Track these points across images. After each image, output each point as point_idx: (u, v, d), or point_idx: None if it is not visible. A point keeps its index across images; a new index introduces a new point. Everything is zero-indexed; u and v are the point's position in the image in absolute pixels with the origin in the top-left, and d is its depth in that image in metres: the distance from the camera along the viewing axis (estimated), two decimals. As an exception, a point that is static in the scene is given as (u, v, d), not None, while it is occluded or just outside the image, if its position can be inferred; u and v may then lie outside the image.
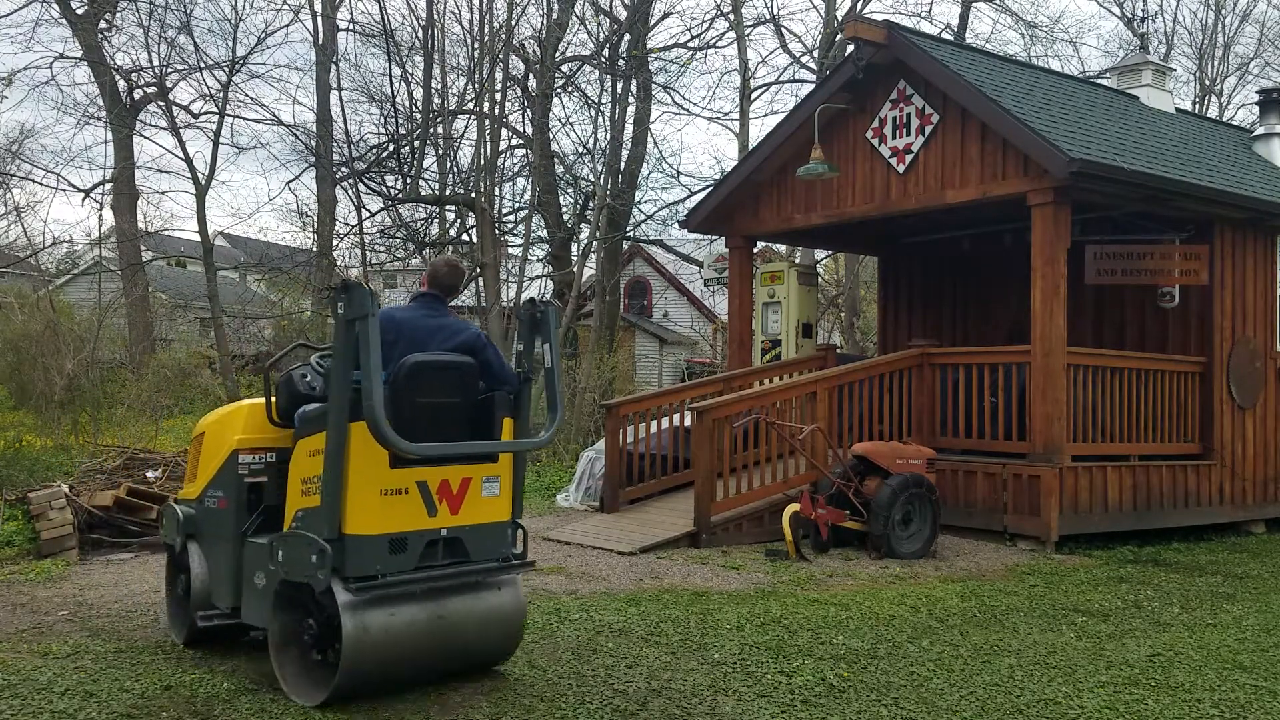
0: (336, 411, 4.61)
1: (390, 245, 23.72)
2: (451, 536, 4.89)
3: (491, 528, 5.04)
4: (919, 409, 10.86)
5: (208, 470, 5.56)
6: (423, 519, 4.80)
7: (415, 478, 4.76)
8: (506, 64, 19.25)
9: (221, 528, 5.41)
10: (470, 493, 4.95)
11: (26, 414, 15.20)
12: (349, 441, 4.59)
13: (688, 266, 29.14)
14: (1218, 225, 11.25)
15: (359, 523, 4.63)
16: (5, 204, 24.87)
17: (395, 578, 4.68)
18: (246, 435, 5.41)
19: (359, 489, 4.62)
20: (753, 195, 12.72)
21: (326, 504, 4.61)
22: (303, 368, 5.43)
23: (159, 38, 26.04)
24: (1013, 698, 5.15)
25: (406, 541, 4.74)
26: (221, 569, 5.39)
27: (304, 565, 4.63)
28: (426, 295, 5.28)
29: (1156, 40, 29.56)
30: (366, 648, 4.58)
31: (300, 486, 4.92)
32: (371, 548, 4.64)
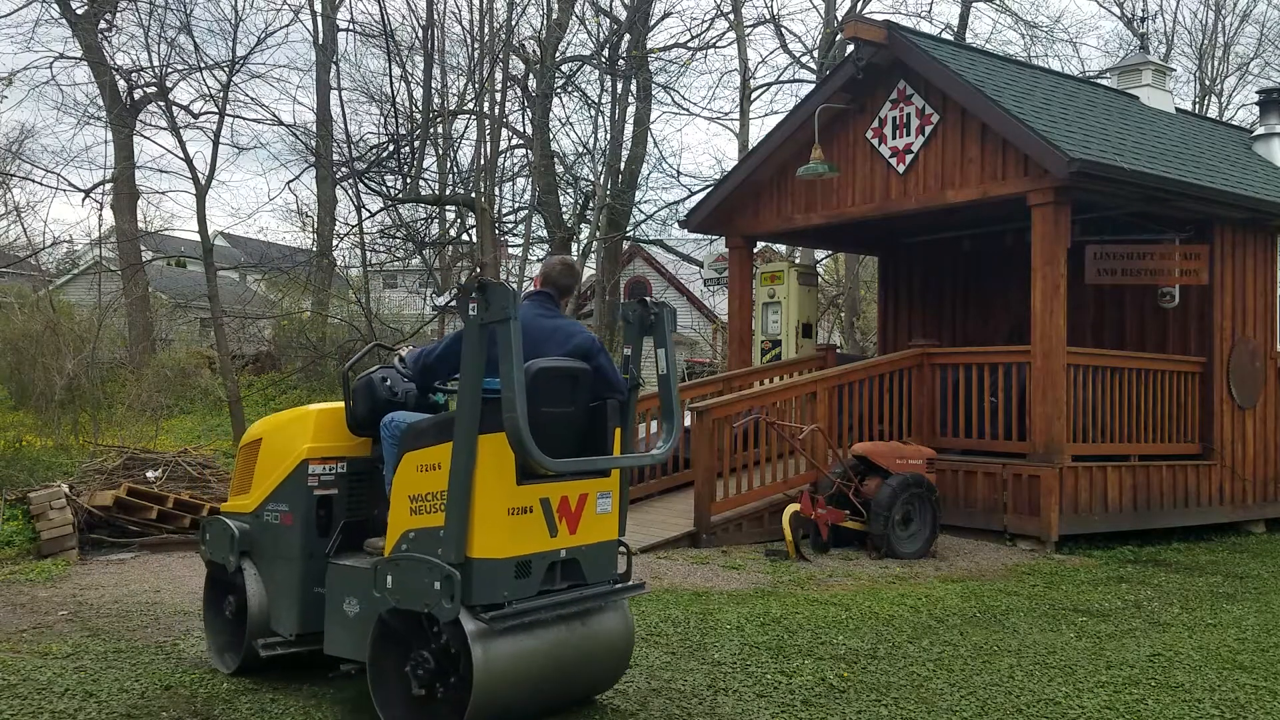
0: (466, 424, 4.16)
1: (390, 245, 23.72)
2: (569, 558, 4.49)
3: (604, 547, 4.65)
4: (919, 409, 10.86)
5: (267, 481, 5.08)
6: (545, 539, 4.38)
7: (539, 495, 4.36)
8: (506, 64, 19.25)
9: (285, 546, 4.95)
10: (586, 510, 4.55)
11: (26, 414, 15.20)
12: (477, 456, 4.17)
13: (688, 266, 29.13)
14: (1218, 225, 11.25)
15: (486, 545, 4.20)
16: (5, 204, 24.85)
17: (524, 604, 4.28)
18: (318, 444, 4.97)
19: (486, 508, 4.20)
20: (753, 195, 12.72)
21: (452, 525, 4.16)
22: (382, 371, 5.05)
23: (159, 38, 26.06)
24: (1013, 698, 5.15)
25: (530, 565, 4.33)
26: (285, 592, 4.94)
27: (423, 593, 4.18)
28: (540, 294, 4.85)
29: (1156, 40, 29.57)
30: (496, 681, 4.19)
31: (408, 505, 4.40)
32: (499, 572, 4.22)
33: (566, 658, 4.52)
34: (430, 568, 4.18)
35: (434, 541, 4.24)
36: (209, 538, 5.28)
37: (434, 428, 4.42)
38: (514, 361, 4.05)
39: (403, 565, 4.30)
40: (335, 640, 4.72)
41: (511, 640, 4.26)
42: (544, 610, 4.35)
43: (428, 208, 21.30)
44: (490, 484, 4.21)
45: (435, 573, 4.15)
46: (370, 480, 5.04)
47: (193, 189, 18.32)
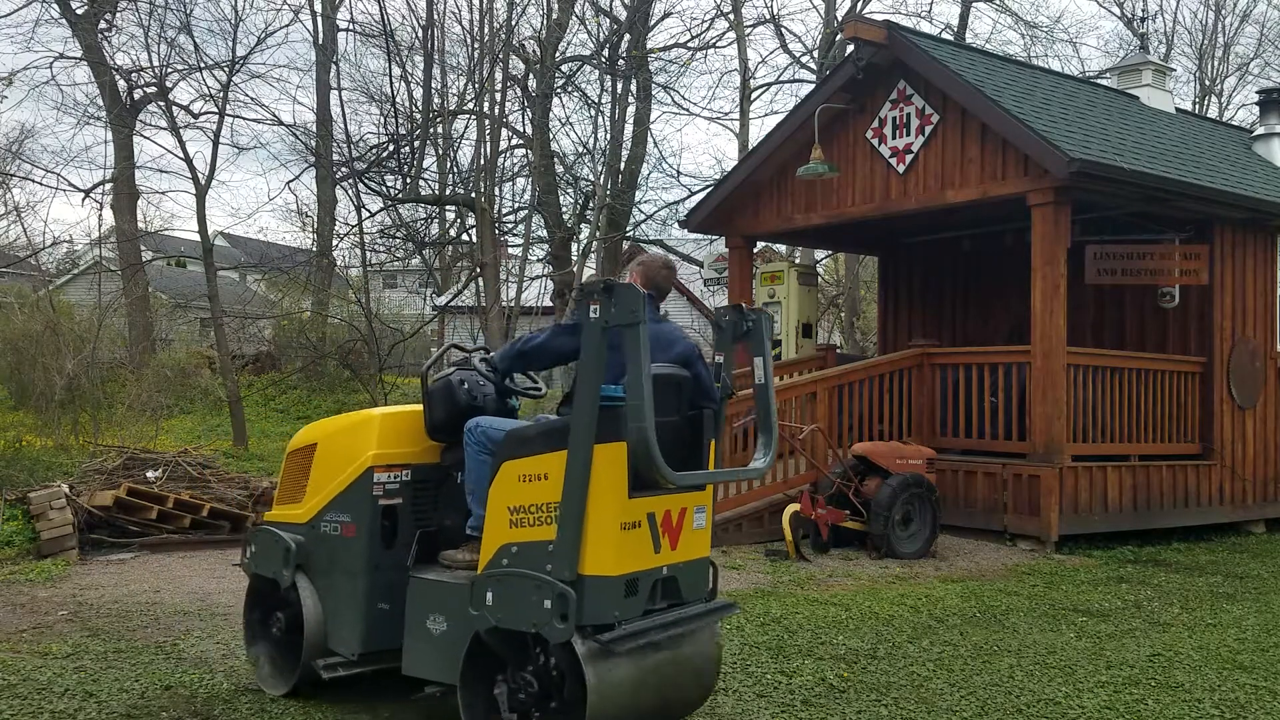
0: (583, 432, 3.90)
1: (390, 245, 23.72)
2: (669, 575, 4.24)
3: (700, 564, 4.41)
4: (919, 409, 10.86)
5: (328, 489, 4.78)
6: (650, 556, 4.13)
7: (646, 509, 4.09)
8: (506, 64, 19.24)
9: (347, 559, 4.66)
10: (684, 525, 4.30)
11: (26, 414, 15.20)
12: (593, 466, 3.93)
13: (688, 266, 29.13)
14: (1218, 225, 11.25)
15: (599, 562, 3.94)
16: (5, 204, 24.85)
17: (634, 625, 4.04)
18: (383, 450, 4.67)
19: (600, 522, 3.94)
20: (753, 195, 12.72)
21: (566, 539, 3.91)
22: (460, 373, 4.80)
23: (159, 38, 26.06)
24: (1013, 698, 5.15)
25: (638, 583, 4.07)
26: (348, 608, 4.65)
27: (531, 612, 3.92)
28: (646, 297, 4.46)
29: (1156, 40, 29.58)
30: (609, 705, 3.94)
31: (508, 516, 4.13)
32: (610, 591, 3.95)
33: (668, 679, 4.32)
34: (539, 585, 3.92)
35: (541, 556, 3.97)
36: (255, 550, 4.99)
37: (540, 436, 4.15)
38: (643, 368, 3.82)
39: (506, 582, 4.04)
40: (417, 660, 4.41)
41: (621, 662, 4.01)
42: (655, 631, 4.10)
43: (428, 208, 21.30)
44: (605, 497, 3.95)
45: (545, 590, 3.90)
46: (436, 488, 4.78)
47: (193, 189, 18.32)
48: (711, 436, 4.50)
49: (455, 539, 4.60)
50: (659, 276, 4.71)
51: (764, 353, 4.52)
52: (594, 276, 20.82)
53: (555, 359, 4.38)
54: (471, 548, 4.39)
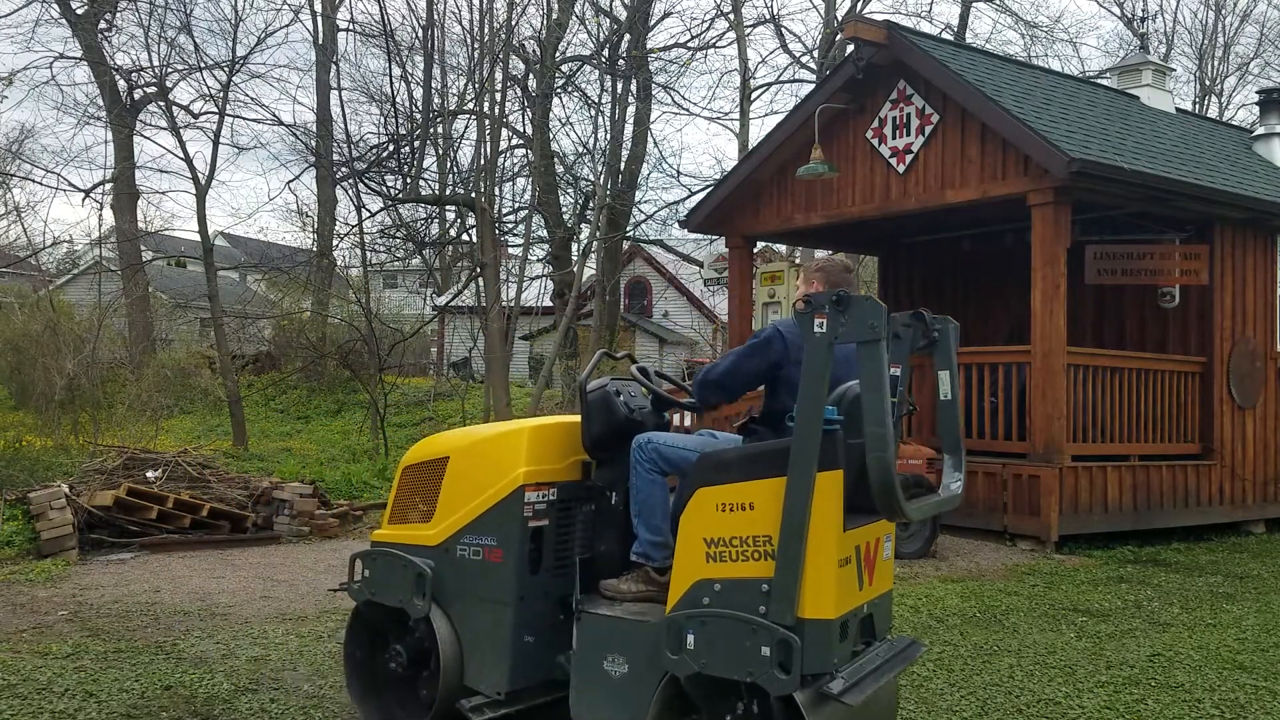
0: (804, 460, 3.50)
1: (390, 245, 23.74)
2: (868, 613, 3.90)
3: (887, 597, 4.08)
4: (919, 409, 10.85)
5: (464, 508, 4.32)
6: (855, 593, 3.77)
7: (854, 542, 3.74)
8: (506, 64, 19.25)
9: (492, 587, 4.20)
10: (878, 556, 3.97)
11: (26, 414, 15.21)
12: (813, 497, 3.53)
13: (688, 266, 29.13)
14: (1218, 225, 11.25)
15: (818, 604, 3.53)
16: (5, 204, 24.87)
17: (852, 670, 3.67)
18: (534, 466, 4.22)
19: (819, 560, 3.53)
20: (753, 195, 12.72)
21: (786, 579, 3.50)
22: (615, 384, 4.45)
23: (159, 38, 26.13)
24: (1013, 698, 5.15)
25: (848, 625, 3.70)
26: (491, 641, 4.20)
27: (746, 659, 3.52)
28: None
29: (1156, 40, 29.59)
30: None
31: (704, 549, 3.71)
32: (829, 635, 3.54)
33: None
34: (756, 630, 3.53)
35: (750, 596, 3.58)
36: (372, 575, 4.46)
37: (743, 461, 3.76)
38: (884, 391, 3.41)
39: (712, 624, 3.63)
40: (590, 706, 3.98)
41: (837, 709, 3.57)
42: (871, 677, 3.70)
43: (428, 208, 21.32)
44: (824, 531, 3.56)
45: (764, 636, 3.51)
46: (580, 508, 4.37)
47: (193, 189, 18.35)
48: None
49: (614, 566, 4.21)
50: (842, 281, 4.26)
51: (951, 366, 4.10)
52: (594, 276, 20.83)
53: (747, 384, 4.12)
54: (637, 576, 4.07)
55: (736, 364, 4.13)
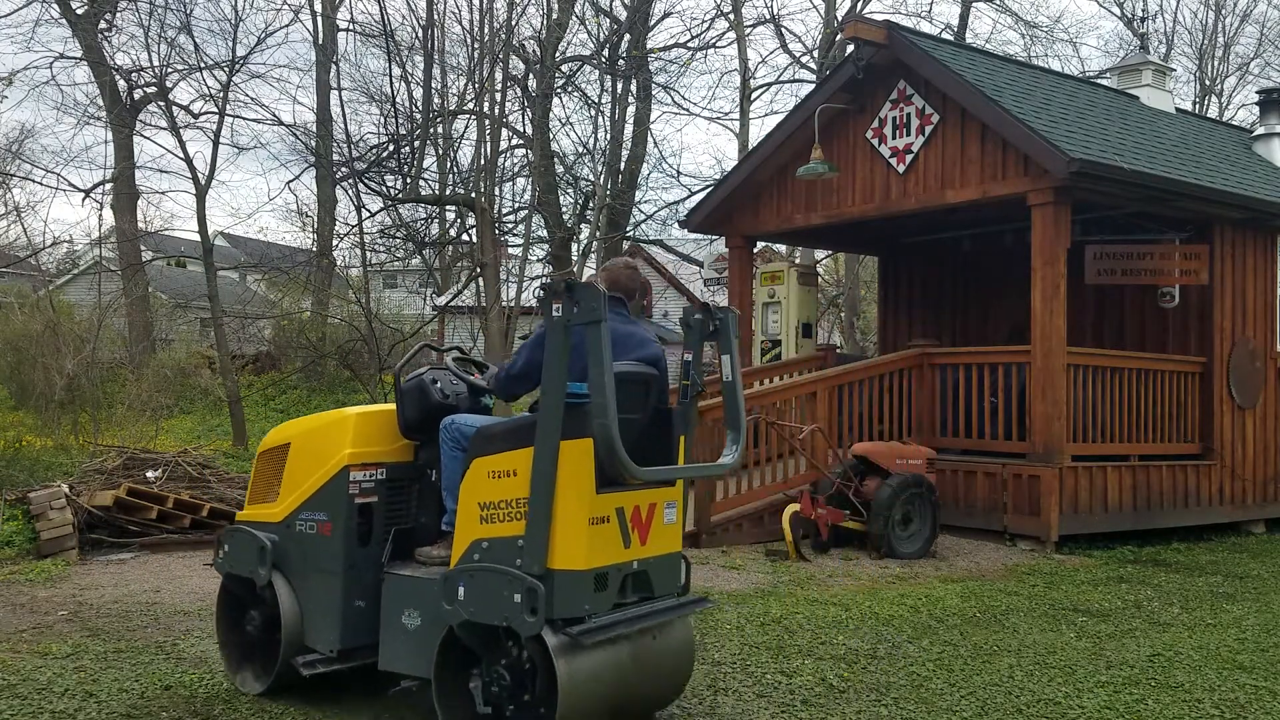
0: (549, 429, 4.00)
1: (390, 245, 23.73)
2: (640, 570, 4.34)
3: (671, 559, 4.52)
4: (919, 409, 10.86)
5: (303, 488, 4.81)
6: (620, 550, 4.21)
7: (615, 504, 4.18)
8: (506, 64, 19.24)
9: (324, 557, 4.68)
10: (655, 520, 4.40)
11: (26, 414, 15.21)
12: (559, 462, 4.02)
13: (688, 266, 29.13)
14: (1218, 225, 11.25)
15: (568, 556, 4.02)
16: (5, 204, 24.87)
17: (605, 618, 4.12)
18: (359, 449, 4.70)
19: (568, 517, 4.03)
20: (753, 195, 12.72)
21: (534, 534, 4.00)
22: (432, 372, 4.88)
23: (159, 38, 26.07)
24: (1013, 698, 5.15)
25: (608, 577, 4.16)
26: (325, 606, 4.68)
27: (502, 606, 4.01)
28: (612, 299, 4.64)
29: (1156, 40, 29.58)
30: (579, 698, 4.00)
31: (478, 512, 4.22)
32: (579, 585, 4.03)
33: (638, 672, 4.37)
34: (510, 579, 4.00)
35: (511, 551, 4.06)
36: (229, 550, 4.99)
37: (508, 433, 4.24)
38: (605, 366, 3.90)
39: (477, 577, 4.11)
40: (393, 655, 4.49)
41: (592, 655, 4.08)
42: (624, 624, 4.18)
43: (428, 208, 21.30)
44: (572, 492, 4.04)
45: (516, 585, 3.98)
46: (410, 486, 4.83)
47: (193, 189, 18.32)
48: (681, 433, 4.59)
49: (431, 536, 4.67)
50: (623, 278, 4.86)
51: (731, 351, 4.62)
52: (593, 276, 20.82)
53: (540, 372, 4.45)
54: (446, 543, 4.45)
55: (529, 357, 4.49)
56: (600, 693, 4.12)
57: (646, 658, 4.39)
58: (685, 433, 4.62)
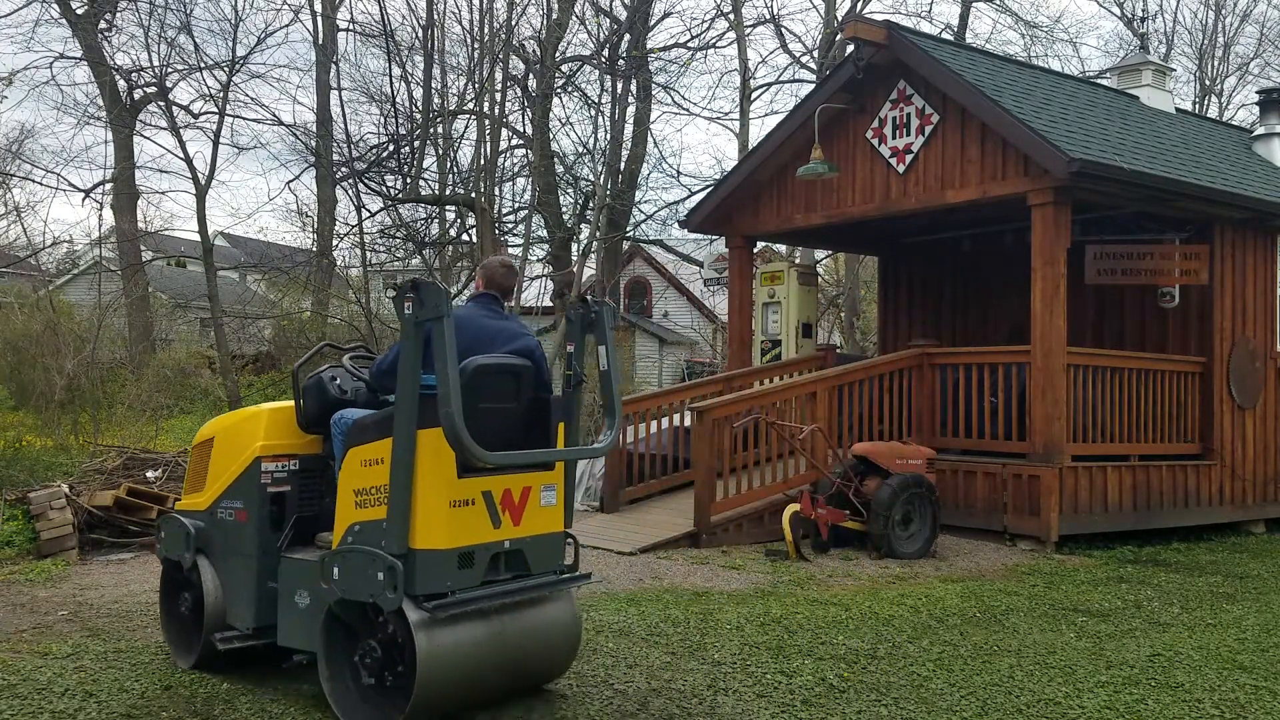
0: (404, 418, 4.30)
1: (390, 245, 23.72)
2: (513, 549, 4.63)
3: (549, 539, 4.80)
4: (919, 409, 10.86)
5: (222, 479, 5.20)
6: (488, 531, 4.52)
7: (481, 487, 4.50)
8: (506, 64, 19.25)
9: (240, 542, 5.06)
10: (530, 502, 4.70)
11: (26, 414, 15.20)
12: (417, 450, 4.31)
13: (688, 266, 29.13)
14: (1218, 225, 11.25)
15: (428, 537, 4.32)
16: (5, 204, 24.87)
17: (467, 594, 4.41)
18: (270, 441, 5.07)
19: (428, 500, 4.33)
20: (753, 195, 12.72)
21: (394, 517, 4.30)
22: (332, 370, 5.18)
23: (159, 38, 26.10)
24: (1013, 698, 5.15)
25: (473, 556, 4.46)
26: (242, 587, 5.04)
27: (368, 584, 4.31)
28: (485, 295, 5.07)
29: (1156, 40, 29.58)
30: (441, 668, 4.32)
31: (353, 498, 4.55)
32: (441, 563, 4.35)
33: (512, 646, 4.65)
34: (374, 559, 4.30)
35: (378, 534, 4.36)
36: (164, 536, 5.39)
37: (376, 424, 4.54)
38: (448, 358, 4.19)
39: (348, 557, 4.43)
40: (288, 632, 4.84)
41: (455, 629, 4.39)
42: (486, 600, 4.47)
43: (428, 208, 21.30)
44: (431, 477, 4.34)
45: (378, 564, 4.28)
46: (322, 477, 5.15)
47: (193, 189, 18.36)
48: (561, 420, 4.88)
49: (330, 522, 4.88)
50: (498, 275, 5.16)
51: (607, 342, 4.92)
52: (594, 276, 20.81)
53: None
54: None
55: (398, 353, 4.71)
56: (465, 663, 4.43)
57: (519, 632, 4.67)
58: (565, 420, 4.91)
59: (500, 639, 4.60)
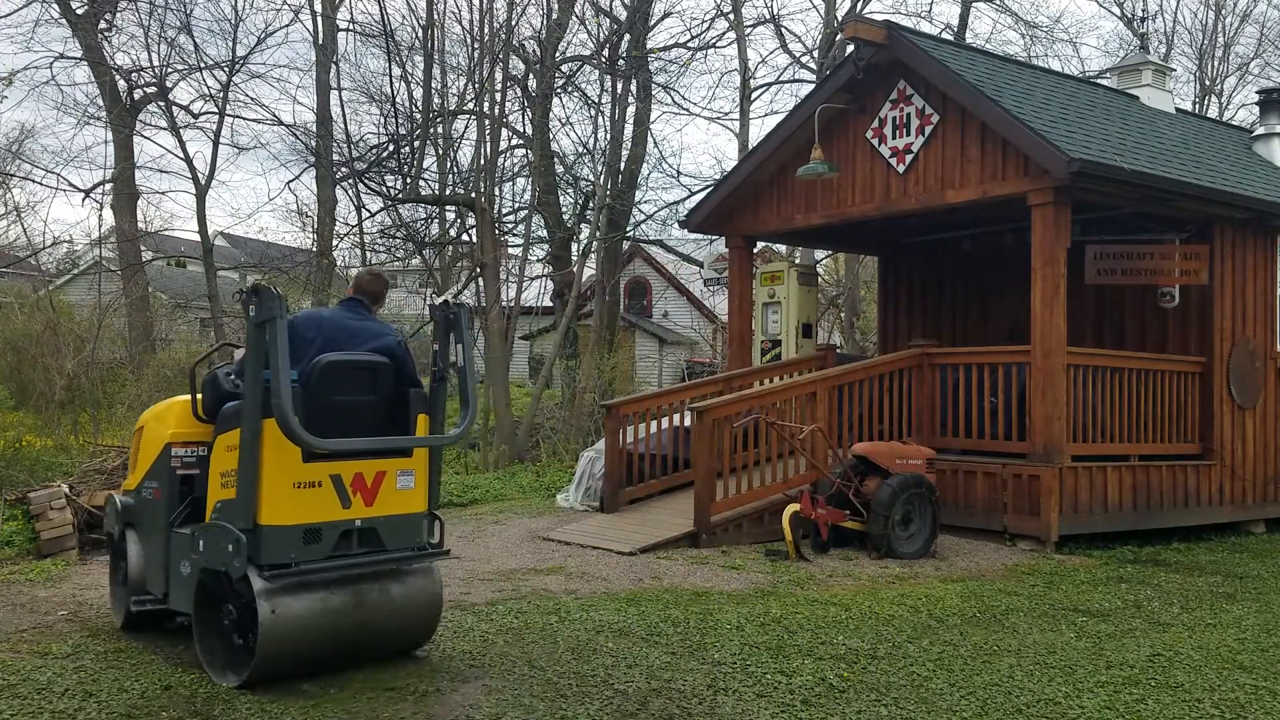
0: (250, 408, 4.86)
1: (390, 245, 23.71)
2: (366, 527, 5.13)
3: (406, 519, 5.29)
4: (919, 409, 10.86)
5: (145, 462, 5.84)
6: (336, 510, 5.04)
7: (329, 471, 5.01)
8: (506, 64, 19.24)
9: (155, 518, 5.67)
10: (384, 486, 5.19)
11: (26, 414, 15.21)
12: (262, 437, 4.83)
13: (688, 266, 29.11)
14: (1218, 225, 11.25)
15: (273, 514, 4.88)
16: (5, 204, 24.88)
17: (309, 565, 4.92)
18: (179, 429, 5.69)
19: (272, 482, 4.87)
20: (753, 195, 12.71)
21: (242, 496, 4.87)
22: (228, 366, 5.66)
23: (159, 38, 26.07)
24: (1013, 698, 5.15)
25: (320, 532, 4.98)
26: (155, 557, 5.68)
27: (222, 554, 4.90)
28: (352, 300, 5.66)
29: (1156, 40, 29.57)
30: (281, 632, 4.83)
31: (220, 479, 5.14)
32: (285, 537, 4.88)
33: (360, 616, 5.13)
34: (227, 533, 4.88)
35: (233, 510, 4.94)
36: (108, 511, 6.20)
37: (235, 414, 5.06)
38: (280, 355, 4.73)
39: (210, 531, 5.05)
40: (175, 597, 5.47)
41: (301, 597, 4.92)
42: (328, 571, 5.00)
43: (428, 208, 21.28)
44: (276, 461, 4.87)
45: (229, 537, 4.85)
46: None
47: (193, 189, 18.36)
48: (421, 412, 5.35)
49: None
50: (364, 282, 5.78)
51: (464, 340, 5.44)
52: (594, 276, 20.81)
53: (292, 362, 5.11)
54: None
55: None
56: (311, 628, 4.94)
57: (371, 602, 5.18)
58: (427, 412, 5.39)
59: (348, 608, 5.08)
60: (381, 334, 5.45)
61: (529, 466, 15.13)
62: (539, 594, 7.18)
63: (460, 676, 5.21)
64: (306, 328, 5.25)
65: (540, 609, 6.67)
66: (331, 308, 5.73)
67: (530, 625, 6.24)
